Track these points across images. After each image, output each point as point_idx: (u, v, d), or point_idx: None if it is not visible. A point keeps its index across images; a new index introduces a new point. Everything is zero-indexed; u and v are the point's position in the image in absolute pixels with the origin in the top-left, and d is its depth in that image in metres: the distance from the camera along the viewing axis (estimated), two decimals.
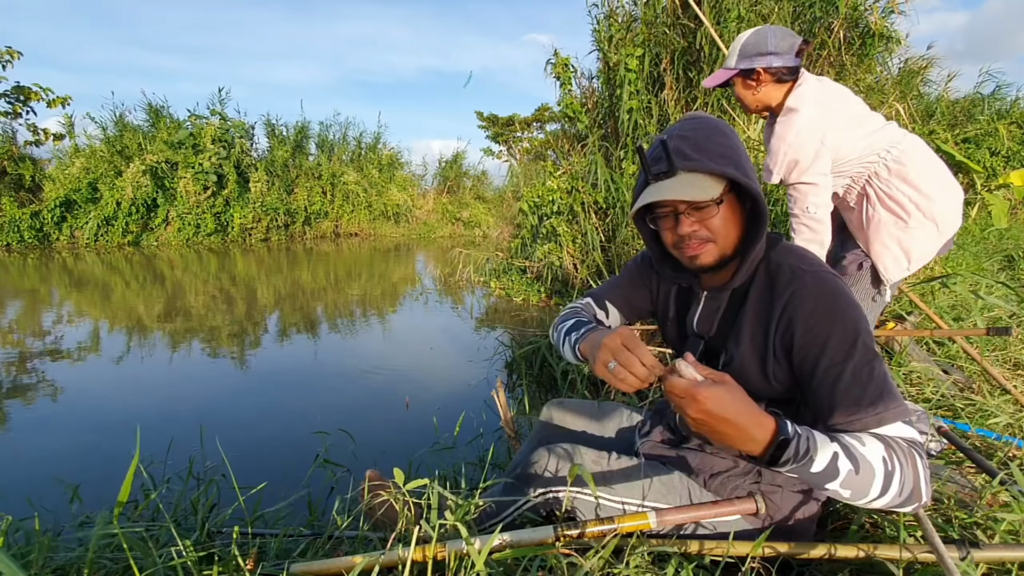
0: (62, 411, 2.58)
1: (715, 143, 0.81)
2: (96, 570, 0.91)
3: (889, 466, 0.68)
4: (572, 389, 2.48)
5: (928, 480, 0.69)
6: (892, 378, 0.73)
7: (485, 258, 6.39)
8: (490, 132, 17.83)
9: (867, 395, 0.72)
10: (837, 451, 0.68)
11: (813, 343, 0.76)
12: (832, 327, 0.75)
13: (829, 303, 0.76)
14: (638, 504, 0.96)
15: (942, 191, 1.52)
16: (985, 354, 1.97)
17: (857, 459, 0.68)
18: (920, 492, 0.68)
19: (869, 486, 0.68)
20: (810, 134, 1.47)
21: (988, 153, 5.73)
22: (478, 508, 1.06)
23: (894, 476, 0.67)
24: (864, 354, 0.73)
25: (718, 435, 0.68)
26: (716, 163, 0.79)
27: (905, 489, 0.68)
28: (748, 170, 0.81)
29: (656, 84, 4.42)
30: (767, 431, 0.67)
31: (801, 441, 0.67)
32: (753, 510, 0.88)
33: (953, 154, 5.23)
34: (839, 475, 0.67)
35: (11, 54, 9.43)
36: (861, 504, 0.70)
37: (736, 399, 0.68)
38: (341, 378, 3.11)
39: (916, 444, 0.71)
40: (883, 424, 0.71)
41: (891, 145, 1.53)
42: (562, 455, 1.03)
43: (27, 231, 9.26)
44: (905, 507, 0.69)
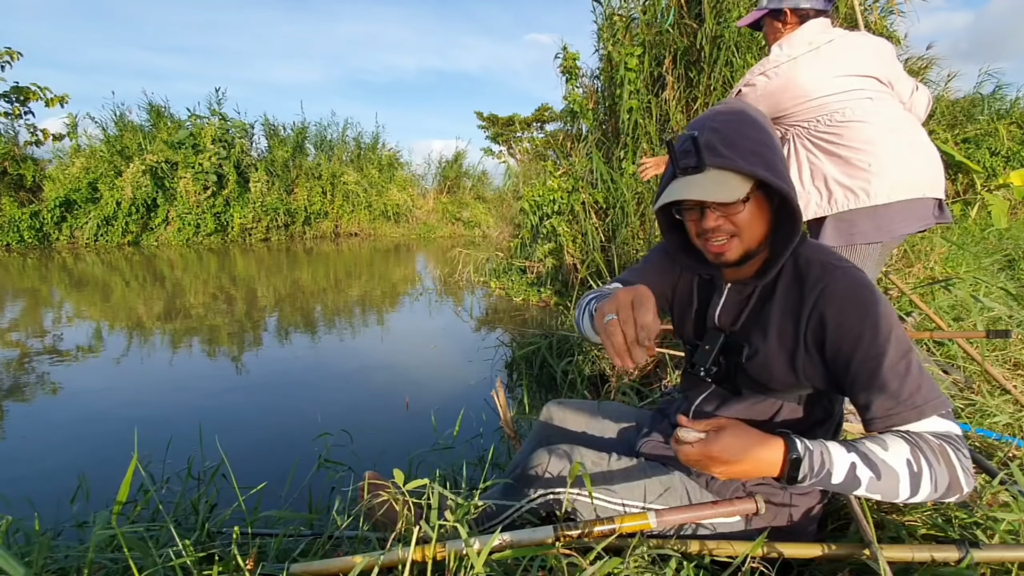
0: (61, 411, 2.58)
1: (747, 138, 0.78)
2: (96, 570, 0.91)
3: (915, 467, 0.68)
4: (572, 389, 2.48)
5: (969, 470, 0.69)
6: (928, 373, 0.73)
7: (485, 258, 6.39)
8: (490, 132, 17.83)
9: (905, 389, 0.71)
10: (855, 461, 0.69)
11: (846, 338, 0.75)
12: (864, 322, 0.74)
13: (859, 298, 0.75)
14: (639, 506, 0.96)
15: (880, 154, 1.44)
16: (985, 354, 1.97)
17: (877, 465, 0.68)
18: (959, 484, 0.68)
19: (896, 488, 0.69)
20: (755, 76, 1.53)
21: (988, 153, 5.74)
22: (478, 508, 1.06)
23: (922, 476, 0.68)
24: (898, 347, 0.72)
25: (742, 474, 0.72)
26: (747, 161, 0.77)
27: (940, 485, 0.68)
28: (779, 166, 0.79)
29: (657, 84, 4.42)
30: (779, 453, 0.70)
31: (815, 457, 0.69)
32: (753, 510, 0.88)
33: (953, 154, 5.23)
34: (861, 484, 0.69)
35: (10, 54, 9.43)
36: (898, 502, 0.72)
37: (742, 438, 0.71)
38: (341, 378, 3.11)
39: (951, 438, 0.70)
40: (923, 418, 0.71)
41: (848, 104, 1.48)
42: (562, 456, 1.03)
43: (27, 231, 9.25)
44: (945, 499, 0.70)
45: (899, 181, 1.41)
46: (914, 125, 1.49)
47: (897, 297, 2.52)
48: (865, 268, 1.50)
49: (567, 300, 4.06)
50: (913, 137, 1.46)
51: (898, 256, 3.13)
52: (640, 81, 4.31)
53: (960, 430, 0.71)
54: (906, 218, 1.44)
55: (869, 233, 1.44)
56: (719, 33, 3.99)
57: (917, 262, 3.07)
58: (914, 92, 1.58)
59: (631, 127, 4.37)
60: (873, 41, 1.52)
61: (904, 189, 1.41)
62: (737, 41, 3.96)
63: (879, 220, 1.43)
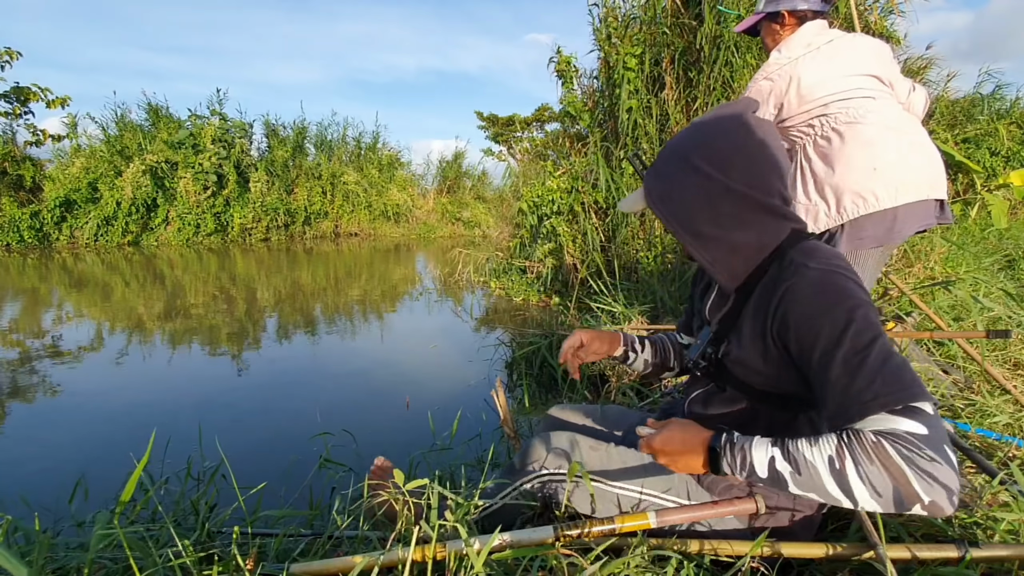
0: (61, 411, 2.58)
1: (661, 160, 0.85)
2: (96, 570, 0.91)
3: (837, 465, 0.63)
4: (572, 389, 2.48)
5: (931, 476, 0.59)
6: (899, 366, 0.65)
7: (485, 258, 6.39)
8: (490, 132, 17.83)
9: (854, 385, 0.65)
10: (775, 455, 0.69)
11: (806, 334, 0.72)
12: (823, 317, 0.70)
13: (822, 294, 0.72)
14: (636, 492, 0.97)
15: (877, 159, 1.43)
16: (985, 354, 1.97)
17: (797, 460, 0.67)
18: (913, 490, 0.60)
19: (823, 486, 0.65)
20: (757, 83, 1.54)
21: (988, 153, 5.74)
22: (478, 508, 1.06)
23: (848, 475, 0.63)
24: (856, 341, 0.67)
25: (683, 465, 0.78)
26: (648, 180, 0.86)
27: (882, 488, 0.61)
28: (688, 202, 0.82)
29: (656, 84, 4.42)
30: (705, 445, 0.75)
31: (735, 450, 0.72)
32: (753, 510, 0.88)
33: (953, 154, 5.23)
34: (786, 478, 0.68)
35: (10, 55, 9.42)
36: (855, 508, 0.65)
37: (680, 431, 0.79)
38: (341, 378, 3.11)
39: (897, 435, 0.61)
40: (867, 414, 0.64)
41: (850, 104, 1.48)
42: (560, 442, 1.04)
43: (27, 231, 9.25)
44: (905, 509, 0.62)
45: (903, 183, 1.40)
46: (915, 124, 1.49)
47: (897, 297, 2.52)
48: (867, 270, 1.50)
49: (567, 300, 4.06)
50: (914, 136, 1.45)
51: (898, 256, 3.13)
52: (639, 81, 4.31)
53: (925, 429, 0.61)
54: (910, 220, 1.43)
55: (877, 237, 1.44)
56: (719, 33, 4.00)
57: (917, 262, 3.07)
58: (911, 92, 1.58)
59: (631, 127, 4.37)
60: (871, 41, 1.53)
61: (909, 191, 1.40)
62: (737, 41, 3.97)
63: (886, 223, 1.42)
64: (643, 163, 1.03)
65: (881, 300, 2.60)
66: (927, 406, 0.63)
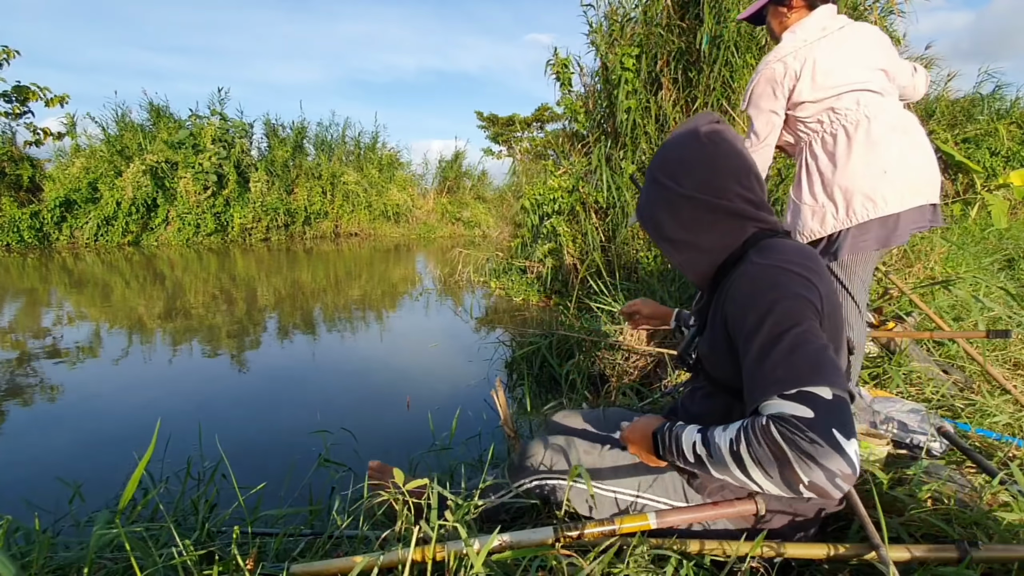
0: (60, 411, 2.58)
1: (647, 190, 0.93)
2: (96, 570, 0.91)
3: (735, 446, 0.67)
4: (572, 389, 2.48)
5: (815, 458, 0.60)
6: (807, 354, 0.67)
7: (485, 258, 6.39)
8: (490, 132, 17.83)
9: (761, 370, 0.69)
10: (696, 440, 0.74)
11: (737, 326, 0.76)
12: (750, 309, 0.74)
13: (754, 288, 0.75)
14: (632, 494, 0.97)
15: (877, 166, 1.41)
16: (985, 354, 1.97)
17: (710, 443, 0.72)
18: (794, 471, 0.61)
19: (729, 467, 0.68)
20: (769, 66, 1.47)
21: (988, 153, 5.73)
22: (478, 508, 1.06)
23: (743, 456, 0.66)
24: (773, 328, 0.69)
25: (644, 453, 0.86)
26: (638, 205, 0.96)
27: (769, 468, 0.63)
28: (642, 203, 0.94)
29: (655, 83, 4.42)
30: (652, 434, 0.83)
31: (669, 436, 0.79)
32: (753, 511, 0.88)
33: (953, 154, 5.22)
34: (704, 461, 0.72)
35: (8, 53, 9.41)
36: (755, 488, 0.67)
37: (642, 423, 0.88)
38: (341, 378, 3.11)
39: (784, 419, 0.63)
40: (765, 398, 0.67)
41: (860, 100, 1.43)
42: (555, 446, 1.06)
43: (27, 231, 9.25)
44: (791, 491, 0.64)
45: (909, 187, 1.39)
46: (916, 124, 1.47)
47: (897, 297, 2.52)
48: (867, 271, 1.49)
49: (567, 300, 4.06)
50: (917, 136, 1.43)
51: (898, 256, 3.13)
52: (637, 81, 4.30)
53: (811, 413, 0.62)
54: (910, 224, 1.43)
55: (880, 239, 1.42)
56: (718, 33, 3.99)
57: (917, 262, 3.07)
58: (914, 74, 1.56)
59: (629, 127, 4.37)
60: (876, 32, 1.49)
61: (913, 196, 1.39)
62: (736, 41, 3.97)
63: (889, 227, 1.41)
64: (638, 185, 1.10)
65: (881, 300, 2.60)
66: (823, 391, 0.64)
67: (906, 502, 1.05)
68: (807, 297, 0.72)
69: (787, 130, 1.57)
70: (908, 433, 1.43)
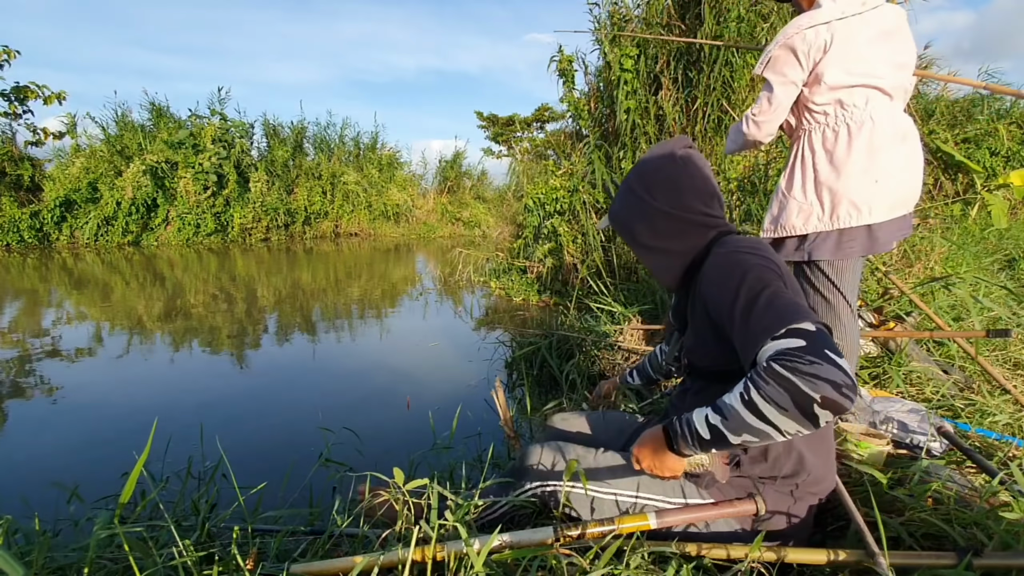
0: (61, 411, 2.58)
1: (620, 198, 1.03)
2: (96, 570, 0.91)
3: (747, 396, 0.71)
4: (572, 389, 2.48)
5: (814, 377, 0.66)
6: (784, 302, 0.76)
7: (485, 258, 6.39)
8: (490, 132, 17.83)
9: (749, 326, 0.76)
10: (707, 413, 0.78)
11: (713, 304, 0.86)
12: (723, 287, 0.83)
13: (721, 270, 0.86)
14: (632, 495, 0.98)
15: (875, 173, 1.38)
16: (985, 354, 1.97)
17: (721, 408, 0.75)
18: (806, 394, 0.66)
19: (746, 422, 0.72)
20: (802, 31, 1.34)
21: (988, 153, 5.73)
22: (478, 508, 1.06)
23: (757, 402, 0.70)
24: (749, 292, 0.79)
25: (661, 466, 0.88)
26: (613, 211, 1.05)
27: (783, 401, 0.67)
28: (620, 212, 1.02)
29: (655, 84, 4.42)
30: (665, 434, 0.86)
31: (683, 424, 0.81)
32: (753, 511, 0.88)
33: (953, 154, 5.23)
34: (722, 429, 0.75)
35: (8, 53, 9.41)
36: (781, 439, 0.72)
37: (647, 439, 0.90)
38: (341, 378, 3.11)
39: (783, 352, 0.69)
40: (759, 346, 0.73)
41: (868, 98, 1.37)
42: (553, 449, 1.08)
43: (27, 231, 9.25)
44: (809, 420, 0.68)
45: (896, 199, 1.38)
46: (915, 131, 1.44)
47: (897, 297, 2.52)
48: (855, 275, 1.48)
49: (567, 300, 4.06)
50: (913, 144, 1.41)
51: (898, 256, 3.13)
52: (637, 81, 4.30)
53: (803, 341, 0.69)
54: (894, 232, 1.43)
55: (865, 247, 1.41)
56: (719, 33, 3.99)
57: (917, 262, 3.07)
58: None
59: (629, 127, 4.37)
60: (904, 19, 1.40)
61: (900, 206, 1.39)
62: (737, 41, 3.96)
63: (874, 235, 1.40)
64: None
65: (881, 300, 2.60)
66: (807, 325, 0.71)
67: (906, 502, 1.05)
68: (767, 266, 0.83)
69: (791, 111, 1.49)
70: (908, 433, 1.43)
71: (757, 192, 3.61)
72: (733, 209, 3.88)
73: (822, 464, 0.93)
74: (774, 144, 3.73)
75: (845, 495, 0.98)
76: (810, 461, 0.90)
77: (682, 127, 4.34)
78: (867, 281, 2.78)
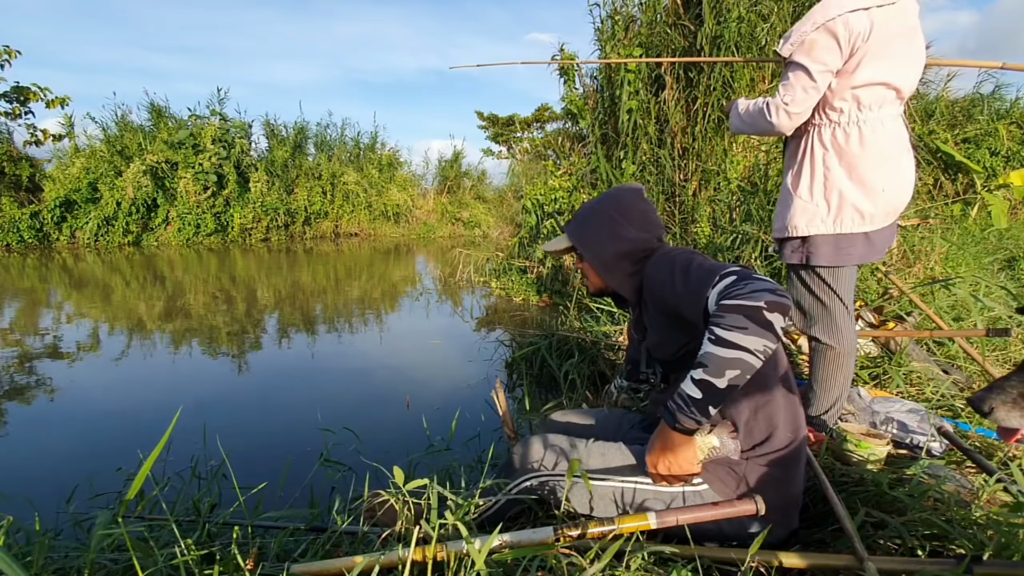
0: (61, 411, 2.58)
1: (578, 216, 1.20)
2: (96, 570, 0.91)
3: (713, 336, 0.82)
4: (572, 389, 2.48)
5: (752, 293, 0.80)
6: (711, 264, 0.95)
7: (485, 258, 6.39)
8: (490, 132, 17.83)
9: (690, 290, 0.91)
10: (692, 374, 0.85)
11: (661, 298, 1.02)
12: (662, 281, 1.01)
13: (656, 268, 1.05)
14: (632, 482, 1.00)
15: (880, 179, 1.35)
16: (985, 354, 1.97)
17: (700, 360, 0.84)
18: (752, 308, 0.79)
19: (726, 360, 0.80)
20: (846, 13, 1.23)
21: (988, 153, 5.73)
22: (478, 508, 1.07)
23: (724, 338, 0.80)
24: (682, 267, 0.96)
25: (676, 461, 0.90)
26: (570, 231, 1.21)
27: (743, 323, 0.79)
28: (588, 234, 1.17)
29: (656, 84, 4.42)
30: (664, 421, 0.91)
31: (676, 396, 0.87)
32: (753, 511, 0.88)
33: (953, 154, 5.23)
34: (707, 379, 0.82)
35: (9, 53, 9.41)
36: (756, 360, 0.80)
37: (656, 440, 0.92)
38: (341, 378, 3.11)
39: (724, 294, 0.83)
40: (704, 300, 0.87)
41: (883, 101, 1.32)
42: (552, 443, 1.09)
43: (27, 231, 9.25)
44: (766, 329, 0.79)
45: (893, 208, 1.37)
46: (908, 141, 1.42)
47: (897, 297, 2.52)
48: (850, 280, 1.46)
49: (567, 300, 4.06)
50: (910, 154, 1.40)
51: (898, 256, 3.13)
52: (639, 82, 4.31)
53: (733, 277, 0.85)
54: (887, 240, 1.43)
55: (862, 255, 1.41)
56: (719, 33, 4.00)
57: (917, 262, 3.07)
58: None
59: (631, 127, 4.37)
60: (919, 19, 1.34)
61: (893, 214, 1.39)
62: (737, 41, 3.97)
63: (871, 242, 1.40)
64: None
65: (881, 300, 2.60)
66: (731, 268, 0.89)
67: (906, 502, 1.05)
68: (690, 252, 1.04)
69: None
70: (908, 433, 1.43)
71: (757, 192, 3.61)
72: (733, 210, 3.88)
73: (790, 421, 0.98)
74: (774, 143, 3.73)
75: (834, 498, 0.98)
76: (777, 419, 0.96)
77: (682, 127, 4.35)
78: (867, 281, 2.79)
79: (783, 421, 0.96)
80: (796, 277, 1.51)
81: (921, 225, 3.53)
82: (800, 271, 1.49)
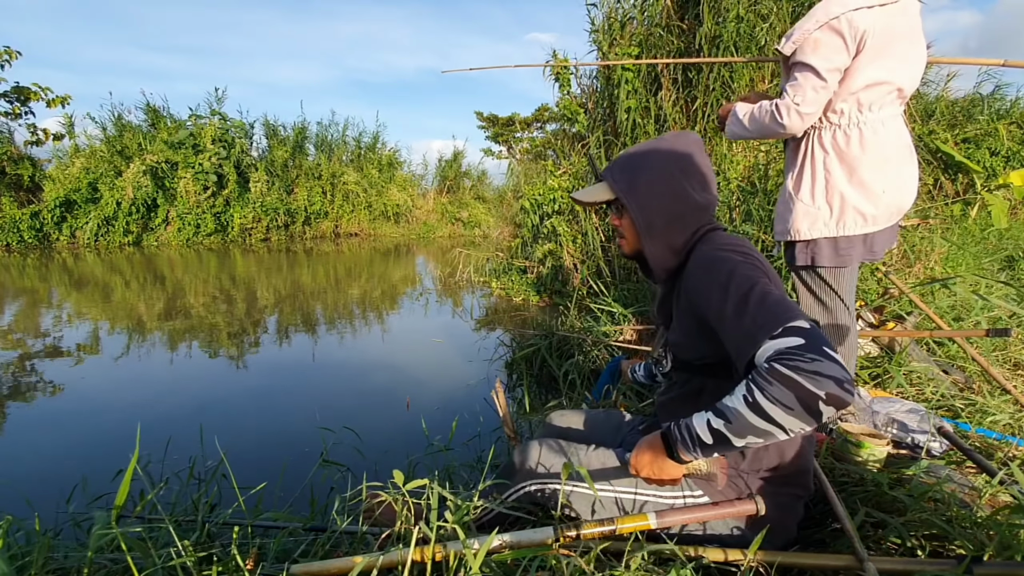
0: (61, 411, 2.58)
1: (625, 162, 0.98)
2: (96, 570, 0.91)
3: (751, 398, 0.70)
4: (572, 389, 2.48)
5: (816, 374, 0.65)
6: (775, 300, 0.75)
7: (485, 258, 6.39)
8: (490, 132, 17.83)
9: (742, 325, 0.75)
10: (709, 417, 0.76)
11: (699, 302, 0.85)
12: (709, 283, 0.83)
13: (704, 265, 0.86)
14: (632, 491, 0.99)
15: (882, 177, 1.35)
16: (985, 354, 1.97)
17: (723, 412, 0.74)
18: (810, 392, 0.65)
19: (751, 423, 0.70)
20: (849, 12, 1.21)
21: (988, 153, 5.73)
22: (477, 509, 1.06)
23: (762, 403, 0.69)
24: (737, 290, 0.78)
25: (660, 472, 0.86)
26: (613, 177, 0.98)
27: (790, 401, 0.67)
28: (640, 184, 0.96)
29: (654, 83, 4.42)
30: (660, 441, 0.85)
31: (682, 430, 0.80)
32: (753, 511, 0.88)
33: (953, 154, 5.23)
34: (725, 433, 0.74)
35: (9, 54, 9.42)
36: (785, 437, 0.71)
37: (644, 446, 0.88)
38: (341, 378, 3.11)
39: (783, 352, 0.68)
40: (757, 346, 0.72)
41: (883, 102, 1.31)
42: (551, 448, 1.07)
43: (27, 231, 9.25)
44: (813, 417, 0.67)
45: (895, 209, 1.37)
46: (911, 141, 1.42)
47: (897, 297, 2.52)
48: (851, 280, 1.47)
49: (567, 300, 4.05)
50: (913, 155, 1.40)
51: (898, 256, 3.13)
52: (638, 81, 4.30)
53: (801, 340, 0.68)
54: (887, 241, 1.43)
55: (861, 255, 1.41)
56: (717, 33, 3.99)
57: (917, 262, 3.07)
58: None
59: (629, 127, 4.37)
60: (920, 19, 1.33)
61: (896, 215, 1.39)
62: (736, 41, 3.96)
63: (870, 243, 1.40)
64: (595, 165, 1.16)
65: (881, 300, 2.60)
66: (801, 323, 0.71)
67: (906, 502, 1.05)
68: (750, 263, 0.84)
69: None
70: (908, 433, 1.42)
71: (757, 192, 3.61)
72: (733, 210, 3.88)
73: (802, 455, 0.94)
74: (774, 143, 3.73)
75: (834, 498, 0.98)
76: (788, 452, 0.92)
77: (682, 127, 4.35)
78: (867, 281, 2.78)
79: (792, 456, 0.92)
80: (797, 278, 1.52)
81: (921, 225, 3.53)
82: (802, 272, 1.50)
